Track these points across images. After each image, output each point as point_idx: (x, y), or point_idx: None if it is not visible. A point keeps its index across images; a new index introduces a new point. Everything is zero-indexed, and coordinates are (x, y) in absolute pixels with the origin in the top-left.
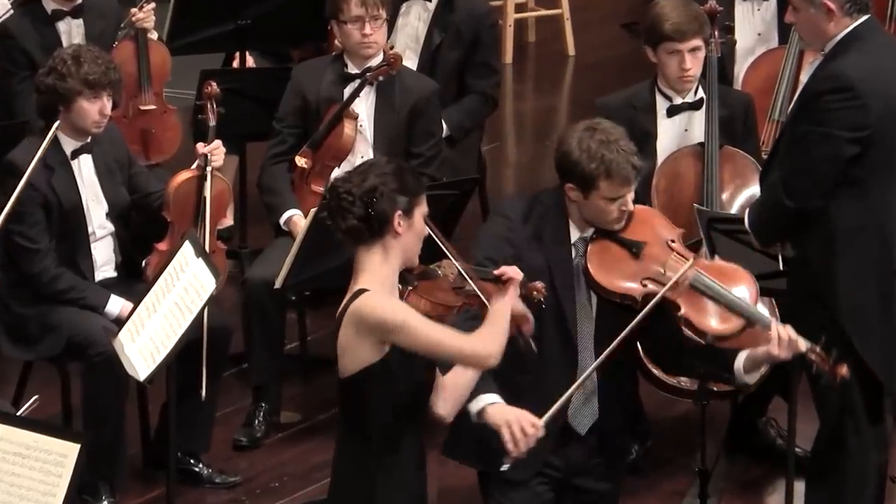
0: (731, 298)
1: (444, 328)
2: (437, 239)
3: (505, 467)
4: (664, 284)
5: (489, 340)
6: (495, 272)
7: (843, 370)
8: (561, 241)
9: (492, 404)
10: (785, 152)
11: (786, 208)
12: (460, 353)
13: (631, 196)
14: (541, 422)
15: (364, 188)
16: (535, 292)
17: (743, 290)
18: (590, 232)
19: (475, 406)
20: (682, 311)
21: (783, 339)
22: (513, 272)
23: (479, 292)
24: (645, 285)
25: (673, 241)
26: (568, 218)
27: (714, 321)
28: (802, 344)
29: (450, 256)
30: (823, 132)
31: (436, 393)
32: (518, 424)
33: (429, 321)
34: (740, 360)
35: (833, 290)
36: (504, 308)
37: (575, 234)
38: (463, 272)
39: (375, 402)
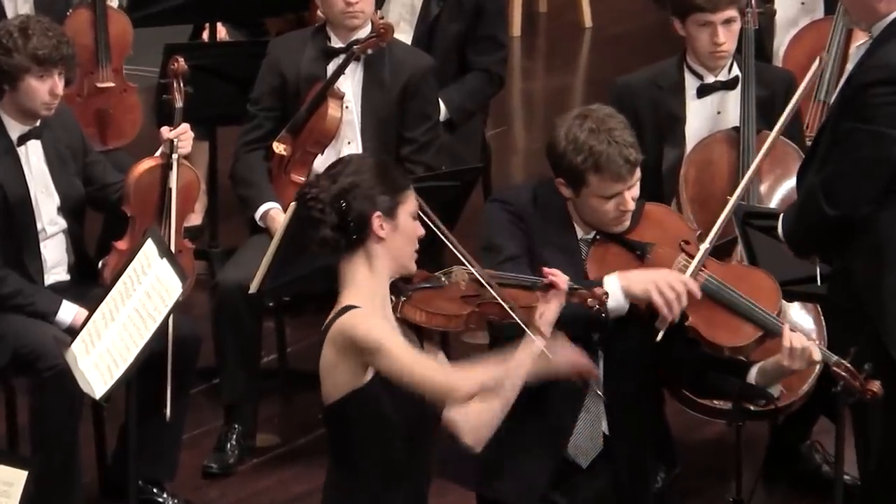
0: (744, 305)
1: (422, 357)
2: (447, 241)
3: (660, 336)
4: None
5: (469, 379)
6: (543, 279)
7: (875, 387)
8: (566, 240)
9: (621, 276)
10: (825, 152)
11: (826, 217)
12: (428, 383)
13: (631, 194)
14: (686, 275)
15: (333, 191)
16: (590, 300)
17: (762, 297)
18: (593, 233)
19: (617, 296)
20: (690, 320)
21: (795, 348)
22: (560, 278)
23: (498, 298)
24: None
25: (687, 243)
26: (571, 216)
27: (726, 331)
28: (817, 353)
29: (464, 261)
30: (871, 130)
31: (462, 419)
32: (669, 290)
33: (408, 347)
34: (752, 374)
35: (879, 308)
36: (522, 362)
37: (579, 234)
38: (480, 276)
39: (362, 433)
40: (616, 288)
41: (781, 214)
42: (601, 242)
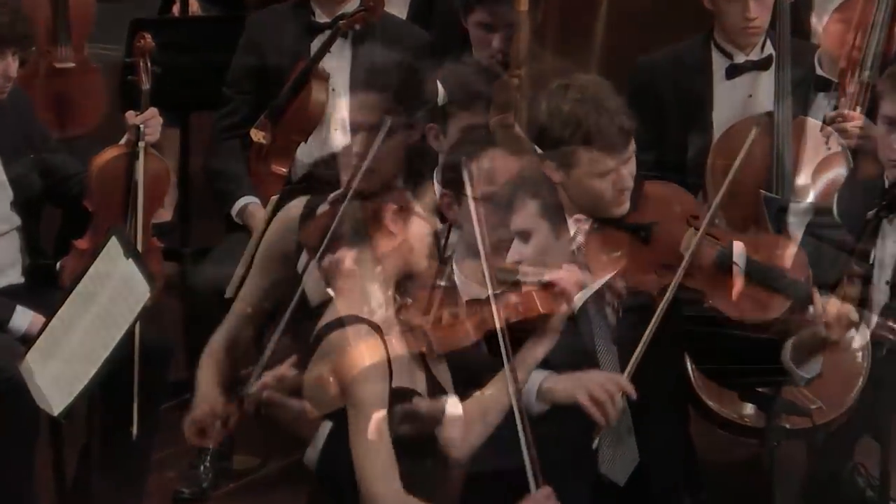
0: (767, 273)
1: (387, 452)
2: (476, 227)
3: (595, 444)
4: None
5: None
6: (546, 277)
7: None
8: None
9: (547, 378)
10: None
11: (880, 187)
12: (369, 486)
13: (629, 170)
14: (623, 377)
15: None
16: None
17: (786, 263)
18: (589, 224)
19: (530, 395)
20: (709, 300)
21: (830, 313)
22: (567, 280)
23: (515, 301)
24: (662, 276)
25: (695, 218)
26: (562, 208)
27: (750, 306)
28: (854, 313)
29: (481, 253)
30: None
31: (448, 428)
32: (598, 389)
33: (383, 429)
34: (786, 351)
35: None
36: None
37: (573, 228)
38: (489, 277)
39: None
40: (533, 387)
41: (838, 192)
42: (599, 230)
